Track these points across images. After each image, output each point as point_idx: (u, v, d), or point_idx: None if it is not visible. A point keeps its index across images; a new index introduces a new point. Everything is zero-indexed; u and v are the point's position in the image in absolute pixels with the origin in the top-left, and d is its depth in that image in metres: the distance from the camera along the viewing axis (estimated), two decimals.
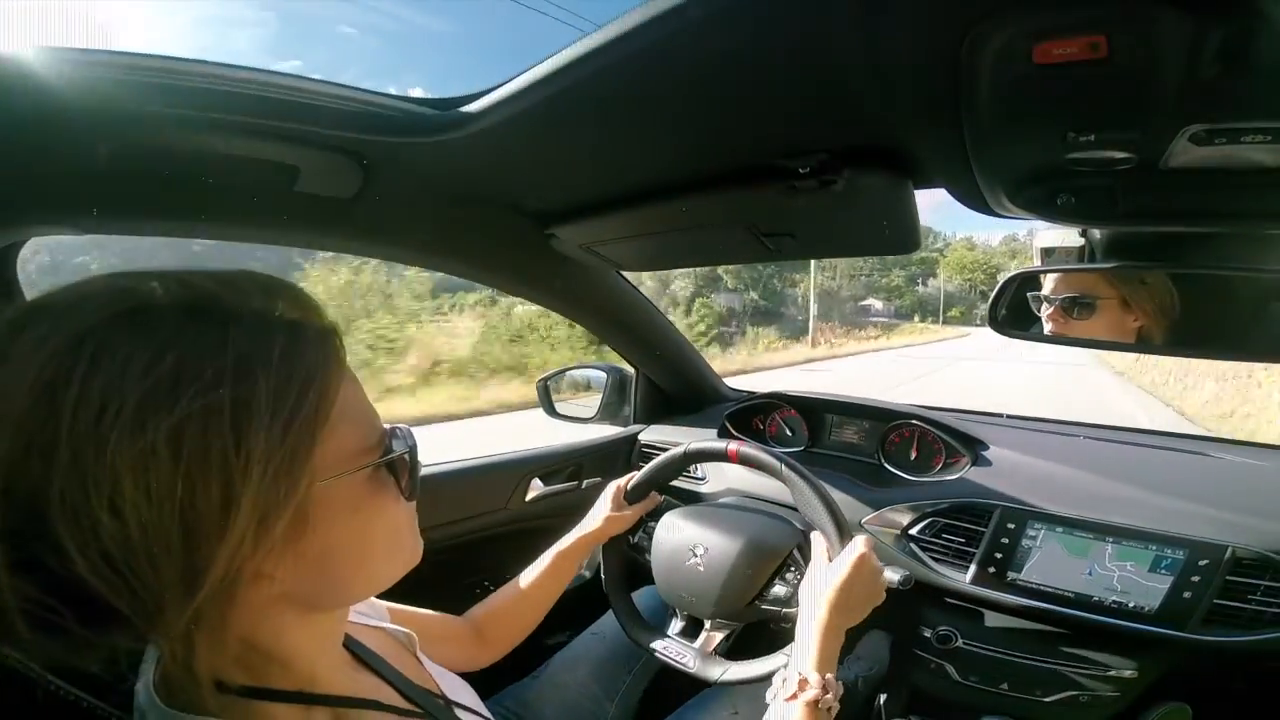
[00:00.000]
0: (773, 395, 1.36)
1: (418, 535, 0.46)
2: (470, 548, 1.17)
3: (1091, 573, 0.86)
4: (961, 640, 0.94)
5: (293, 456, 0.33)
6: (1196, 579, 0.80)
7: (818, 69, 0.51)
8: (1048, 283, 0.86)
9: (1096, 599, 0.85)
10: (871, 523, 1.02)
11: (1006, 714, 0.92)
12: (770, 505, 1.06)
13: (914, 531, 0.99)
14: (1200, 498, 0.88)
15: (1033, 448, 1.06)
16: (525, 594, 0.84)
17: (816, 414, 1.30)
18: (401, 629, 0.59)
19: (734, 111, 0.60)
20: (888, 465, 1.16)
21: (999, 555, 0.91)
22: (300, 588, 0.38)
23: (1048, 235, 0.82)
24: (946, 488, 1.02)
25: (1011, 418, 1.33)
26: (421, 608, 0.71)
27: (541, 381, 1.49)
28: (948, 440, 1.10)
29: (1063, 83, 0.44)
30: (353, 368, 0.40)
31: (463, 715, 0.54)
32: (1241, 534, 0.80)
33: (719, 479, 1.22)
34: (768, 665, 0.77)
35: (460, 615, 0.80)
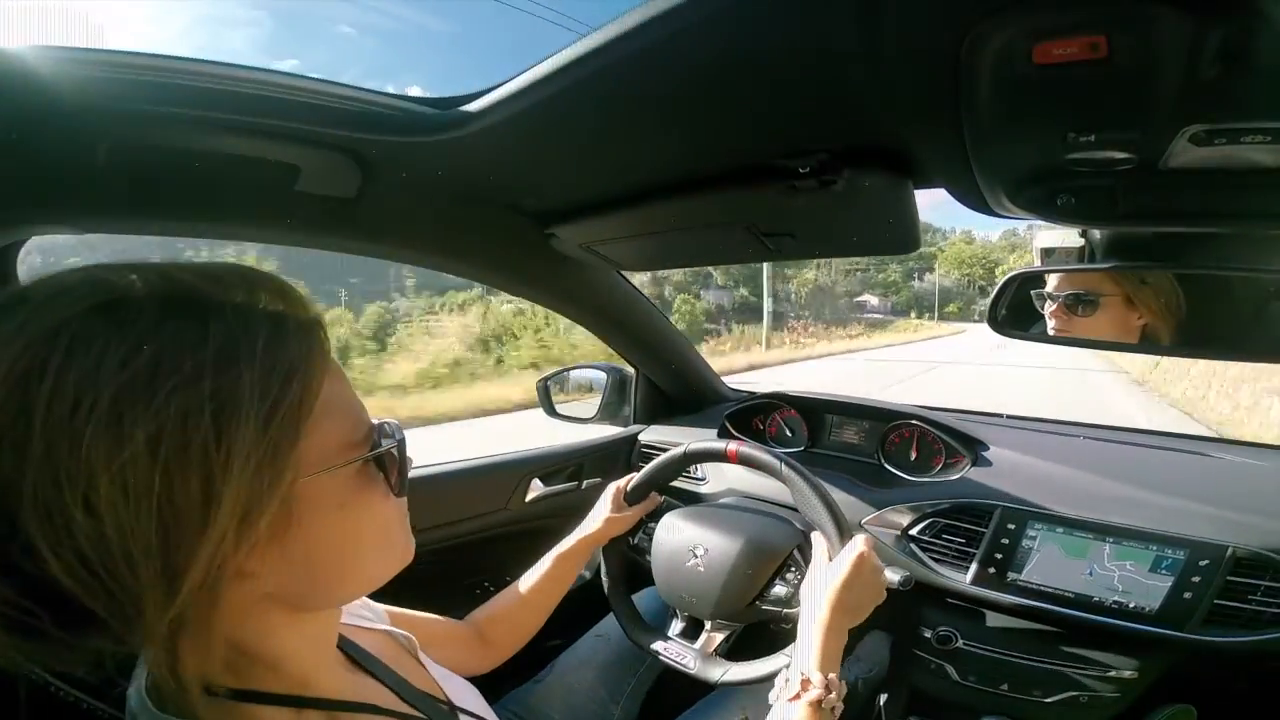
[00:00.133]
0: (773, 395, 1.36)
1: (409, 533, 0.45)
2: (470, 548, 1.17)
3: (1092, 573, 0.86)
4: (961, 641, 0.94)
5: (275, 451, 0.32)
6: (1197, 579, 0.80)
7: (818, 69, 0.51)
8: (1051, 280, 0.86)
9: (1097, 599, 0.85)
10: (872, 523, 1.01)
11: (1006, 714, 0.92)
12: (770, 506, 1.06)
13: (914, 532, 0.99)
14: (1200, 497, 0.88)
15: (1033, 448, 1.06)
16: (526, 597, 0.83)
17: (817, 414, 1.30)
18: (401, 632, 0.59)
19: (734, 111, 0.60)
20: (888, 465, 1.16)
21: (999, 555, 0.91)
22: (287, 587, 0.37)
23: (1048, 235, 0.82)
24: (946, 488, 1.02)
25: (1011, 418, 1.34)
26: (421, 608, 0.71)
27: (542, 382, 1.49)
28: (948, 440, 1.10)
29: (1063, 83, 0.44)
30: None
31: None
32: (1242, 534, 0.80)
33: (719, 479, 1.21)
34: (769, 666, 0.76)
35: (461, 617, 0.79)
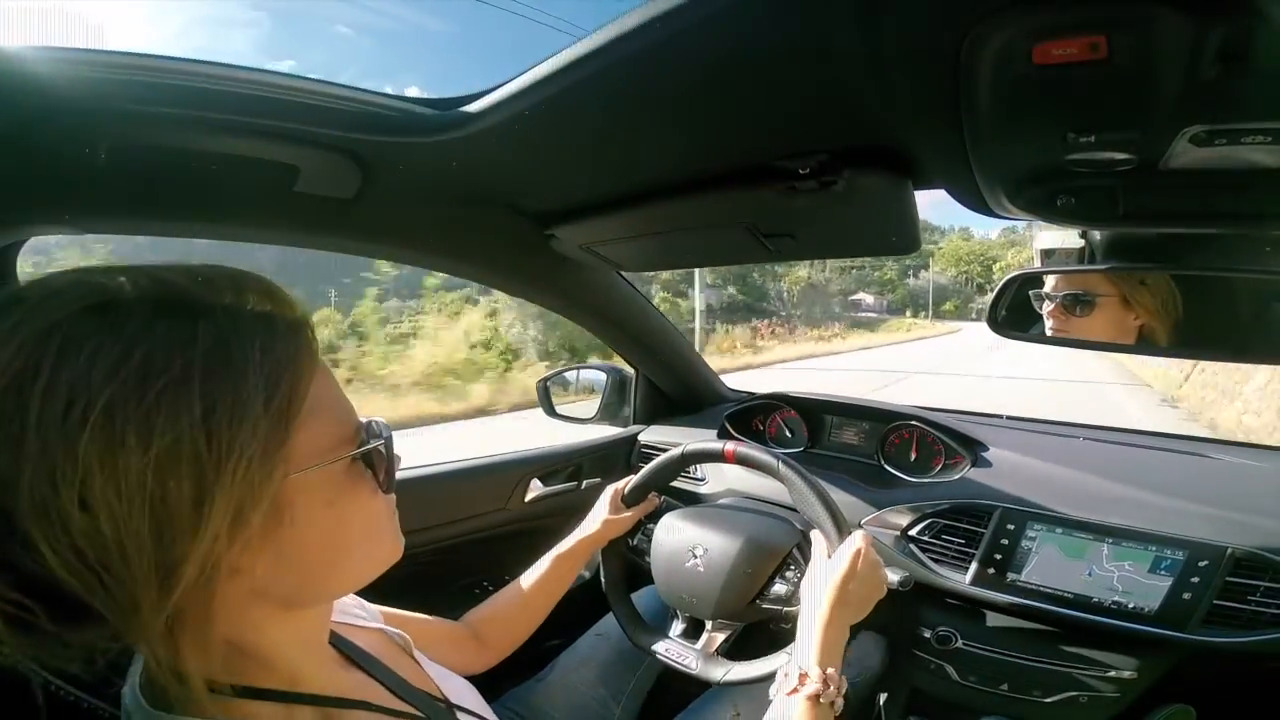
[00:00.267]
0: (773, 396, 1.36)
1: (398, 531, 0.45)
2: (469, 548, 1.17)
3: (1091, 573, 0.86)
4: (961, 641, 0.94)
5: (266, 449, 0.33)
6: (1196, 580, 0.80)
7: (818, 69, 0.51)
8: (1048, 280, 0.87)
9: (1096, 600, 0.85)
10: (871, 524, 1.01)
11: (1006, 714, 0.92)
12: (769, 506, 1.06)
13: (914, 532, 0.99)
14: (1200, 498, 0.88)
15: (1032, 449, 1.06)
16: (524, 598, 0.83)
17: (816, 415, 1.30)
18: (396, 631, 0.59)
19: (734, 112, 0.60)
20: (887, 466, 1.16)
21: (999, 556, 0.91)
22: (277, 583, 0.37)
23: (1048, 236, 0.82)
24: (946, 489, 1.02)
25: (1011, 419, 1.34)
26: (420, 607, 0.71)
27: (541, 382, 1.49)
28: (947, 441, 1.10)
29: (1063, 83, 0.44)
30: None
31: (465, 718, 0.54)
32: (1241, 534, 0.80)
33: (718, 480, 1.21)
34: (770, 665, 0.76)
35: (459, 614, 0.79)
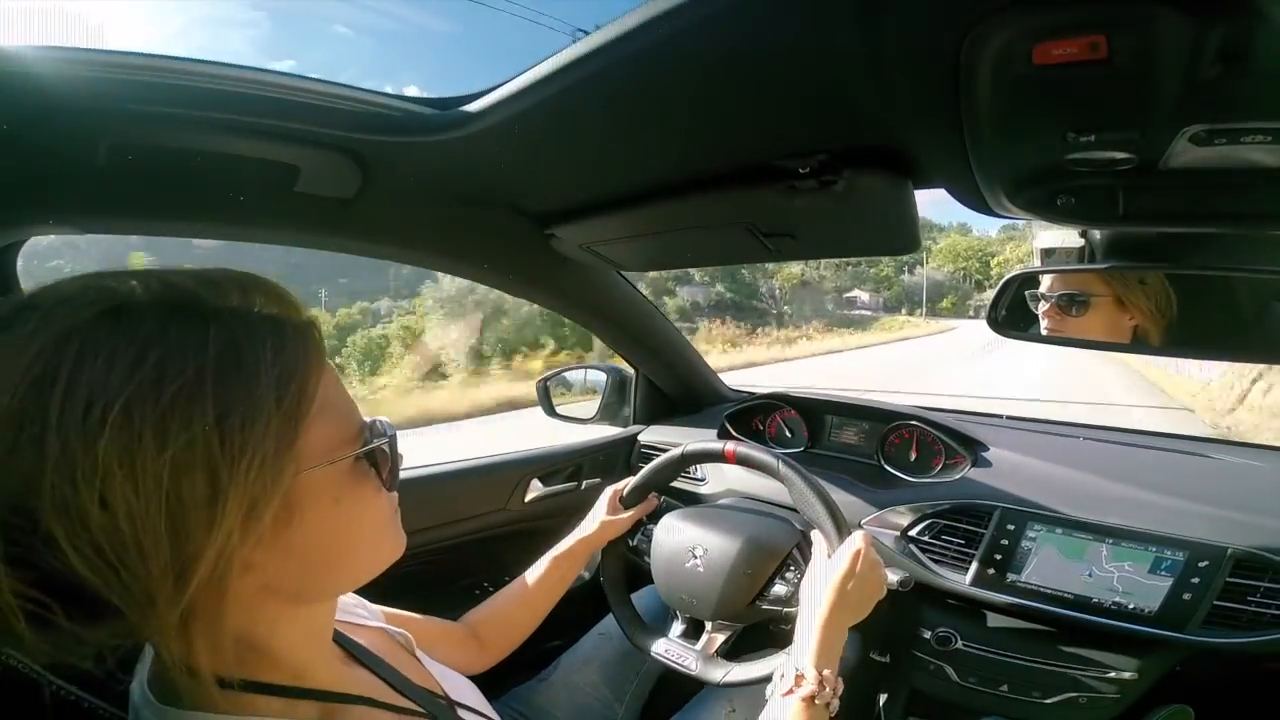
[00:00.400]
0: (773, 396, 1.36)
1: (400, 528, 0.47)
2: (469, 548, 1.17)
3: (1091, 574, 0.86)
4: (961, 641, 0.94)
5: (277, 448, 0.34)
6: (1196, 580, 0.80)
7: (818, 69, 0.51)
8: (1044, 280, 0.87)
9: (1096, 600, 0.85)
10: (871, 524, 1.01)
11: (1006, 715, 0.92)
12: (770, 506, 1.06)
13: (914, 533, 0.98)
14: (1200, 498, 0.87)
15: (1032, 449, 1.06)
16: (523, 599, 0.83)
17: (816, 415, 1.30)
18: (398, 630, 0.59)
19: (734, 111, 0.60)
20: (887, 466, 1.16)
21: (999, 556, 0.91)
22: (284, 579, 0.38)
23: (1048, 236, 0.82)
24: (946, 489, 1.02)
25: (1011, 419, 1.33)
26: (421, 607, 0.71)
27: (541, 382, 1.49)
28: (947, 441, 1.10)
29: (1062, 83, 0.44)
30: None
31: (467, 716, 0.54)
32: (1241, 535, 0.80)
33: (719, 480, 1.21)
34: (770, 666, 0.76)
35: (458, 615, 0.79)
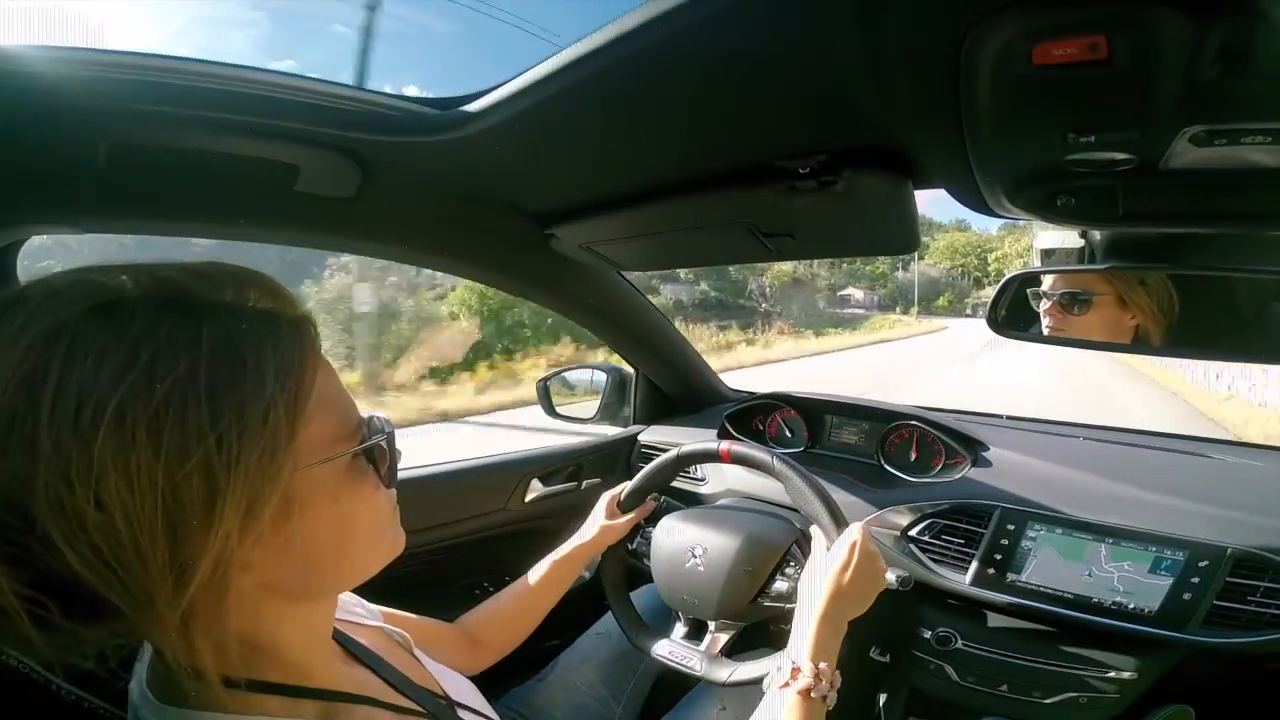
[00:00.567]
0: (772, 396, 1.36)
1: (399, 526, 0.46)
2: (469, 548, 1.17)
3: (1091, 574, 0.86)
4: (961, 641, 0.94)
5: (274, 445, 0.33)
6: (1196, 580, 0.80)
7: (818, 69, 0.51)
8: (1046, 279, 0.87)
9: (1096, 600, 0.85)
10: (871, 524, 1.01)
11: (1006, 715, 0.91)
12: (770, 506, 1.06)
13: (914, 532, 0.98)
14: (1200, 498, 0.87)
15: (1032, 449, 1.06)
16: (520, 601, 0.83)
17: (816, 415, 1.29)
18: (397, 629, 0.59)
19: (734, 112, 0.60)
20: (887, 466, 1.16)
21: (999, 556, 0.91)
22: (286, 577, 0.38)
23: (1048, 236, 0.82)
24: (946, 489, 1.02)
25: (1011, 418, 1.33)
26: (420, 607, 0.71)
27: (541, 382, 1.49)
28: (947, 441, 1.10)
29: (1062, 83, 0.44)
30: None
31: (466, 716, 0.54)
32: (1241, 534, 0.80)
33: (718, 480, 1.21)
34: (775, 663, 0.76)
35: (458, 614, 0.80)
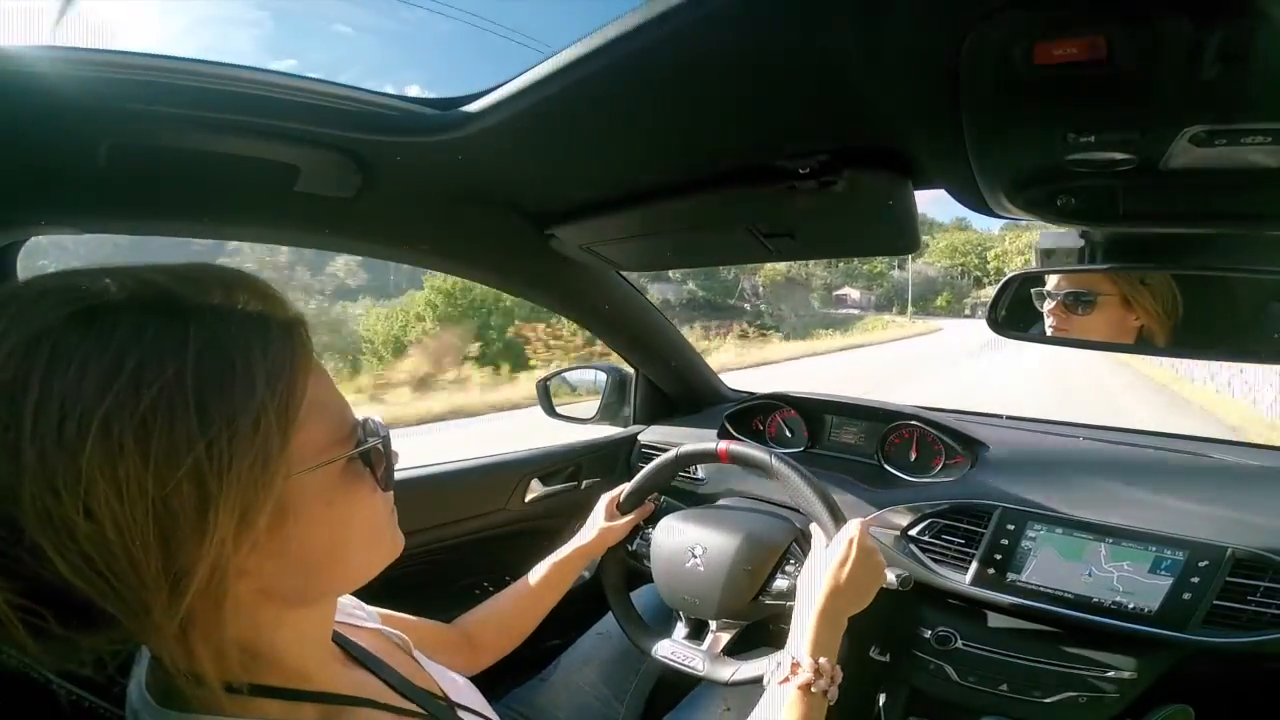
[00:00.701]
0: (772, 396, 1.35)
1: (396, 528, 0.46)
2: (469, 548, 1.17)
3: (1091, 574, 0.86)
4: (961, 641, 0.94)
5: (266, 451, 0.33)
6: (1196, 580, 0.80)
7: (818, 69, 0.51)
8: (1050, 278, 0.87)
9: (1096, 600, 0.85)
10: (871, 524, 1.01)
11: (1006, 715, 0.92)
12: (770, 506, 1.06)
13: (914, 532, 0.98)
14: (1200, 498, 0.87)
15: (1033, 448, 1.06)
16: (518, 603, 0.83)
17: (816, 415, 1.29)
18: (395, 631, 0.59)
19: (734, 112, 0.60)
20: (887, 466, 1.16)
21: (999, 556, 0.91)
22: (280, 583, 0.37)
23: (1048, 236, 0.82)
24: (946, 489, 1.02)
25: (1011, 418, 1.33)
26: (420, 607, 0.71)
27: (541, 382, 1.49)
28: (947, 441, 1.10)
29: (1062, 83, 0.43)
30: None
31: (466, 717, 0.54)
32: (1241, 534, 0.80)
33: (718, 480, 1.21)
34: (777, 661, 0.76)
35: (458, 614, 0.79)
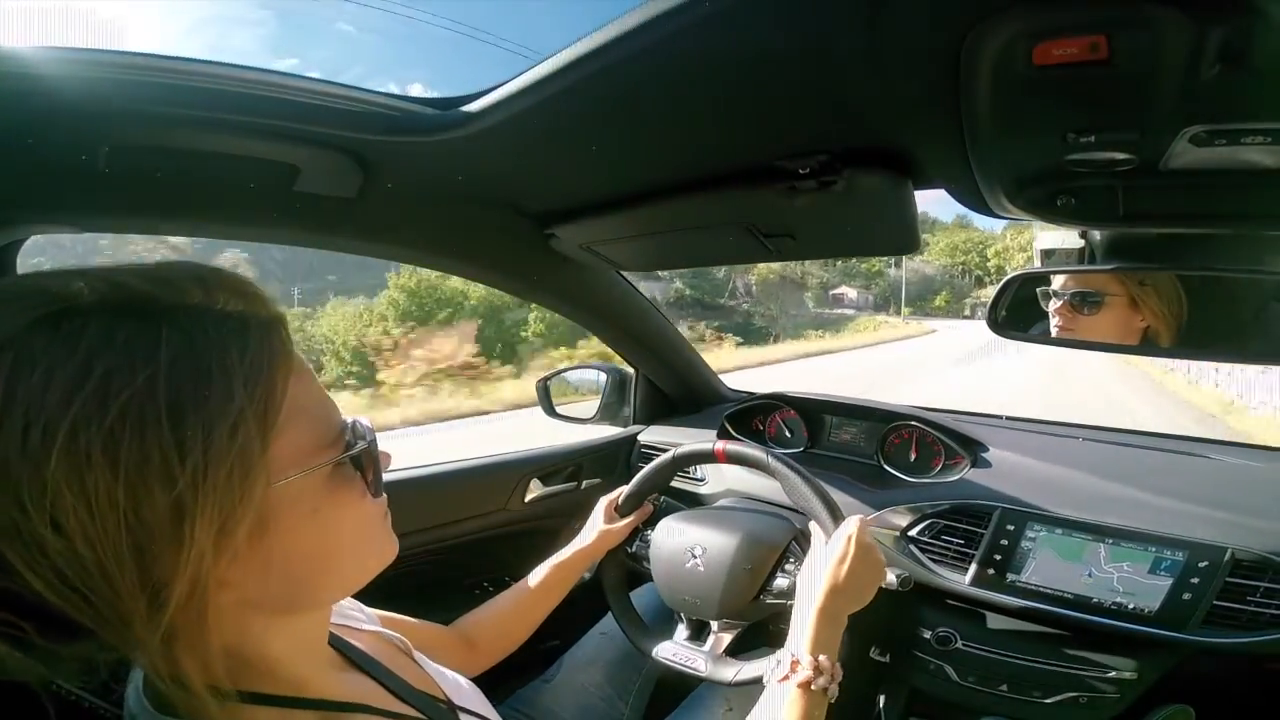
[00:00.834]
0: (772, 396, 1.35)
1: (390, 532, 0.44)
2: (469, 548, 1.17)
3: (1091, 574, 0.86)
4: (961, 641, 0.94)
5: (244, 459, 0.31)
6: (1196, 580, 0.80)
7: (818, 69, 0.51)
8: (1057, 278, 0.86)
9: (1096, 600, 0.85)
10: (871, 524, 1.01)
11: (1006, 715, 0.91)
12: (770, 506, 1.06)
13: (913, 533, 0.98)
14: (1200, 499, 0.87)
15: (1032, 449, 1.06)
16: (518, 605, 0.83)
17: (816, 415, 1.29)
18: (394, 634, 0.59)
19: (734, 112, 0.60)
20: (887, 467, 1.16)
21: (998, 557, 0.91)
22: (268, 593, 0.36)
23: (1048, 236, 0.82)
24: (946, 489, 1.02)
25: (1011, 419, 1.33)
26: (420, 608, 0.71)
27: (541, 382, 1.49)
28: (947, 441, 1.10)
29: (1063, 83, 0.44)
30: None
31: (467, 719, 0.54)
32: (1241, 535, 0.80)
33: (718, 480, 1.21)
34: (775, 657, 0.76)
35: (458, 615, 0.79)
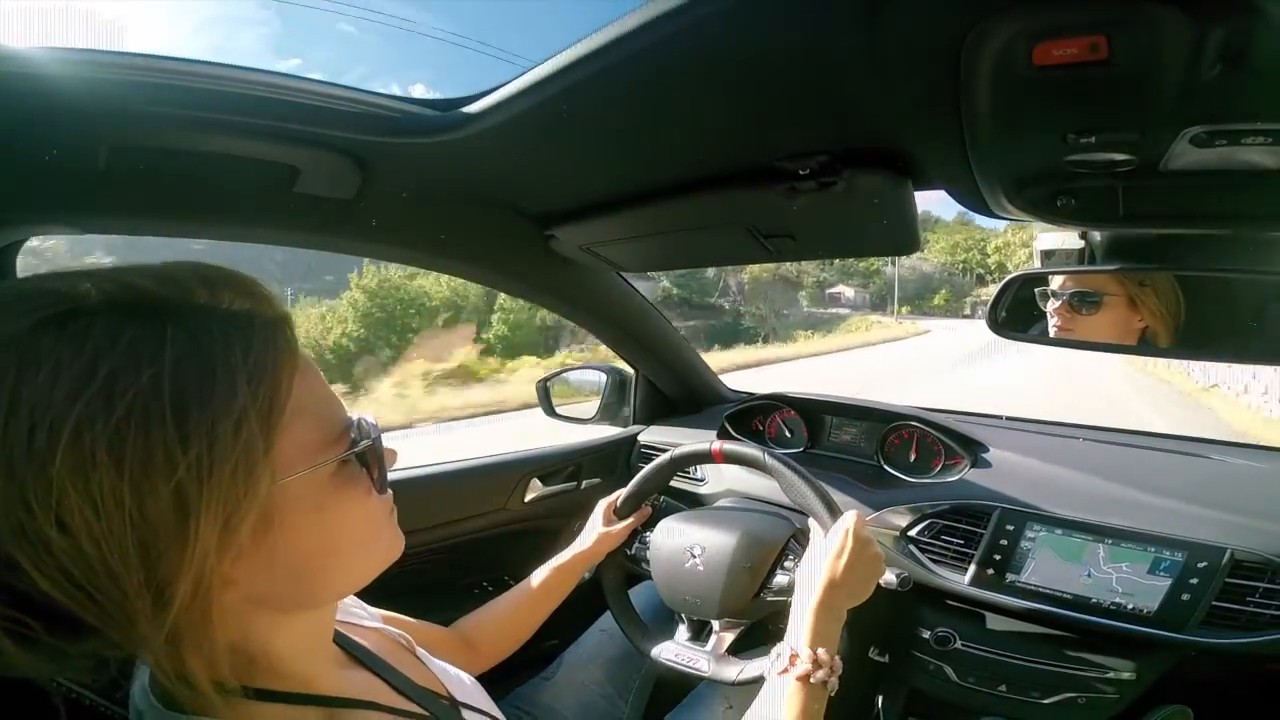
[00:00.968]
0: (772, 396, 1.35)
1: (395, 529, 0.44)
2: (469, 548, 1.17)
3: (1090, 575, 0.86)
4: (960, 642, 0.94)
5: (249, 457, 0.31)
6: (1195, 581, 0.80)
7: (818, 69, 0.51)
8: (1055, 278, 0.86)
9: (1095, 601, 0.85)
10: (870, 524, 1.01)
11: (1005, 715, 0.92)
12: (770, 505, 1.06)
13: (913, 533, 0.98)
14: (1199, 500, 0.87)
15: (1032, 449, 1.06)
16: (517, 607, 0.83)
17: (816, 415, 1.29)
18: (398, 630, 0.59)
19: (734, 112, 0.60)
20: (887, 467, 1.16)
21: (998, 557, 0.91)
22: (273, 590, 0.36)
23: (1048, 237, 0.82)
24: (945, 489, 1.02)
25: (1011, 419, 1.33)
26: (419, 607, 0.71)
27: (541, 382, 1.49)
28: (947, 442, 1.10)
29: (1063, 84, 0.44)
30: None
31: (470, 716, 0.54)
32: (1240, 536, 0.80)
33: (718, 480, 1.21)
34: (777, 653, 0.76)
35: (458, 615, 0.80)
